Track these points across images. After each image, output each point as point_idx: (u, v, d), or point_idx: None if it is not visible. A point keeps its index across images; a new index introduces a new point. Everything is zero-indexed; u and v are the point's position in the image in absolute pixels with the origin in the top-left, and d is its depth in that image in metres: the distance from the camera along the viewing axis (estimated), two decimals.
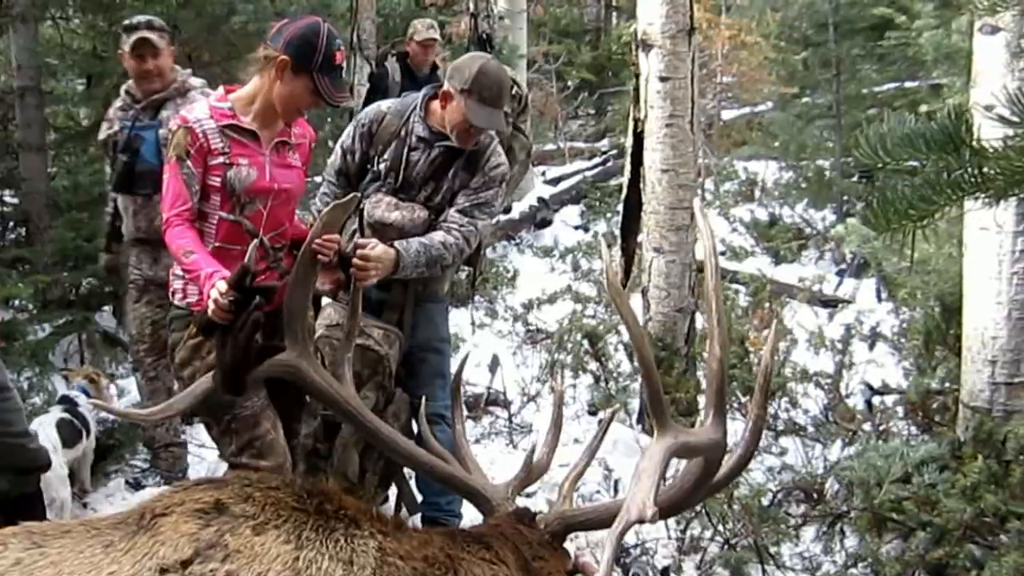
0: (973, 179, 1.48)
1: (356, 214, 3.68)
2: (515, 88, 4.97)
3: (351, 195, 2.66)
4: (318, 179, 4.25)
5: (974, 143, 1.48)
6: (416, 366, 3.72)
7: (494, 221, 3.68)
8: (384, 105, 3.75)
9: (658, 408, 2.09)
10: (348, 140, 3.70)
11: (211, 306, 2.60)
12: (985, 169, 1.45)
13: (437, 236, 3.41)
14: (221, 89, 3.04)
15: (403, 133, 3.60)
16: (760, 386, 2.17)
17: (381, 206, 3.56)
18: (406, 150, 3.57)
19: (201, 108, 2.95)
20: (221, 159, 2.89)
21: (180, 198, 2.87)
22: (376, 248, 3.11)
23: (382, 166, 3.61)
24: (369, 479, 3.61)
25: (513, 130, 4.80)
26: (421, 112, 3.61)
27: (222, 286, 2.59)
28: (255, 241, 2.68)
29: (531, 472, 2.53)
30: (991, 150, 1.49)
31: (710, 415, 2.15)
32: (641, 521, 1.89)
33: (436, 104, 3.56)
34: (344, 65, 2.92)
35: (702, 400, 4.65)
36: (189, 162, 2.87)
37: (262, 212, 2.98)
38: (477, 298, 7.41)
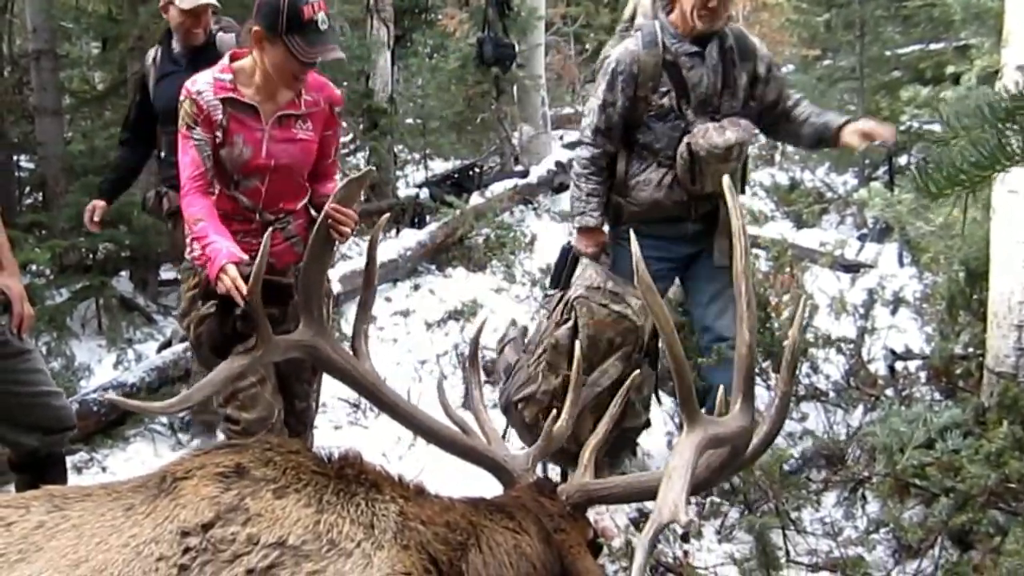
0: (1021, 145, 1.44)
1: (684, 154, 3.55)
2: None
3: (366, 169, 2.63)
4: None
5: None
6: (719, 291, 3.75)
7: None
8: (624, 45, 3.68)
9: (688, 403, 2.07)
10: (606, 93, 3.61)
11: (220, 284, 2.65)
12: None
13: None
14: (226, 58, 3.01)
15: (668, 58, 3.55)
16: (787, 362, 2.15)
17: (710, 134, 3.49)
18: (684, 72, 3.55)
19: (204, 79, 2.94)
20: (219, 134, 2.91)
21: (194, 164, 2.91)
22: None
23: (665, 100, 3.57)
24: None
25: None
26: (672, 31, 3.57)
27: (232, 271, 2.62)
28: (269, 233, 2.69)
29: (550, 441, 2.52)
30: None
31: (738, 401, 2.13)
32: (673, 523, 1.86)
33: (675, 16, 3.58)
34: (321, 18, 2.79)
35: None
36: (199, 129, 2.90)
37: (260, 188, 2.99)
38: (494, 263, 7.37)
